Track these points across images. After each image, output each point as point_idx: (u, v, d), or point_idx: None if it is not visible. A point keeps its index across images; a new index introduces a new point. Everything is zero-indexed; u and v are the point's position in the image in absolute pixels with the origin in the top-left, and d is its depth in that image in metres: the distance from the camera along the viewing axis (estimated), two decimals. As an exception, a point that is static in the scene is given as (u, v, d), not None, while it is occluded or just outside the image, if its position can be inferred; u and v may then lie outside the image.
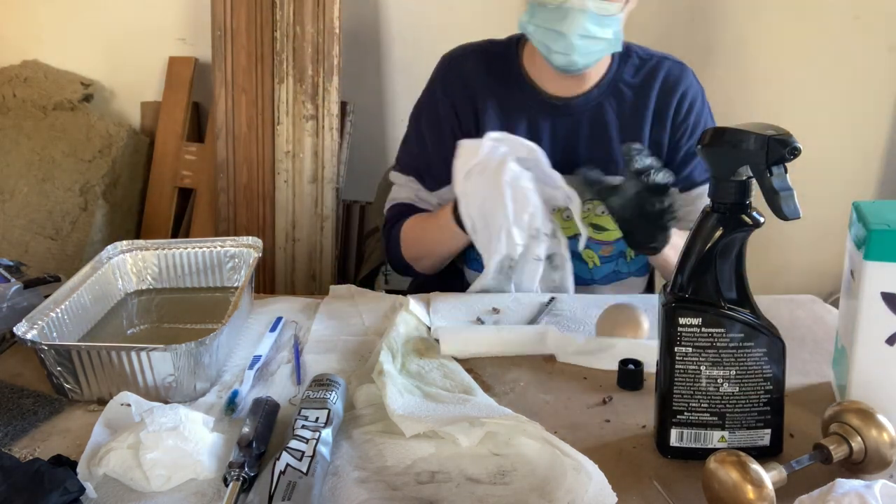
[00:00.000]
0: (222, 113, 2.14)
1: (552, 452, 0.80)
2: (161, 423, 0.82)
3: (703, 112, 1.41)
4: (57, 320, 1.04)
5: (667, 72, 1.39)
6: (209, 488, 0.81)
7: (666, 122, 1.38)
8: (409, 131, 1.49)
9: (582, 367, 1.04)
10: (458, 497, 0.78)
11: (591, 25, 1.25)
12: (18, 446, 0.89)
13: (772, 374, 0.81)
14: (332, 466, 0.83)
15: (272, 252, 2.17)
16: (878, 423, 0.78)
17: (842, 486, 0.70)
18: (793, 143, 0.73)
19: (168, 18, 2.25)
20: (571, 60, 1.28)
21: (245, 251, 1.27)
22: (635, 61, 1.40)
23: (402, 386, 0.94)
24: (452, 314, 1.16)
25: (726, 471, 0.72)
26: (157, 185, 2.28)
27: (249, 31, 2.12)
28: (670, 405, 0.83)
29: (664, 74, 1.39)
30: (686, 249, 0.81)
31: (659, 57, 1.42)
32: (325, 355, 1.08)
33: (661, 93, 1.38)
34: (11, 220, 2.13)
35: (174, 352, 0.93)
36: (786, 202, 0.74)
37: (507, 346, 1.07)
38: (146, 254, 1.25)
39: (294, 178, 2.14)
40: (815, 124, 2.16)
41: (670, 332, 0.81)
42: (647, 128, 1.38)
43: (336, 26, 2.09)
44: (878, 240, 0.82)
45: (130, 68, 2.30)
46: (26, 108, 2.22)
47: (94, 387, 0.97)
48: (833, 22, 2.10)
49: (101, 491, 0.80)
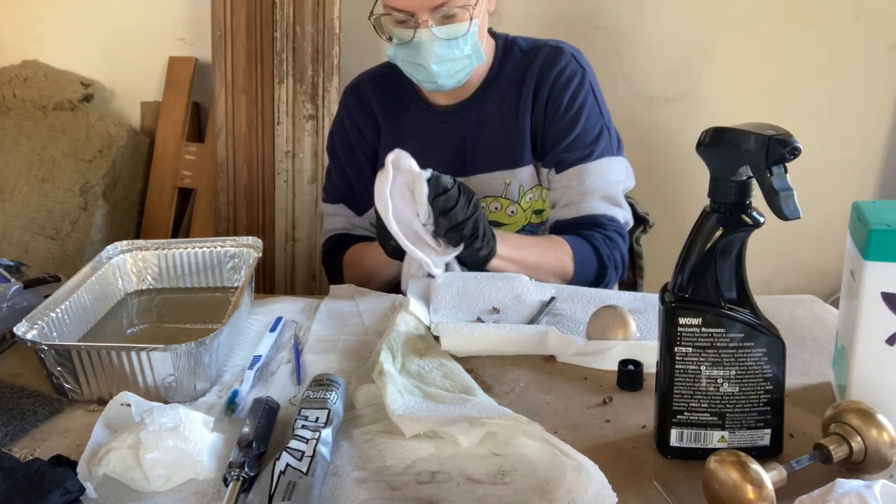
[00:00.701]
0: (222, 113, 2.14)
1: (552, 452, 0.80)
2: (161, 423, 0.82)
3: (582, 91, 1.41)
4: (57, 320, 1.04)
5: (543, 59, 1.42)
6: (209, 488, 0.81)
7: (541, 105, 1.41)
8: (329, 164, 1.57)
9: (582, 367, 1.04)
10: (458, 497, 0.78)
11: (445, 51, 1.31)
12: (18, 446, 0.89)
13: (772, 374, 0.81)
14: (332, 466, 0.83)
15: (272, 252, 2.17)
16: (878, 423, 0.78)
17: (842, 486, 0.70)
18: (793, 143, 0.73)
19: (168, 18, 2.25)
20: (438, 85, 1.35)
21: (245, 251, 1.27)
22: (517, 55, 1.44)
23: (402, 386, 0.94)
24: (452, 313, 1.16)
25: (726, 471, 0.72)
26: (157, 185, 2.28)
27: (249, 31, 2.12)
28: (670, 405, 0.83)
29: (540, 62, 1.42)
30: (686, 249, 0.81)
31: (540, 45, 1.45)
32: (325, 355, 1.08)
33: (537, 80, 1.41)
34: (11, 220, 2.13)
35: (174, 352, 0.93)
36: (786, 202, 0.74)
37: (508, 344, 1.08)
38: (146, 254, 1.25)
39: (294, 178, 2.14)
40: (815, 124, 2.16)
41: (670, 332, 0.81)
42: (528, 115, 1.41)
43: (336, 26, 2.09)
44: (878, 240, 0.82)
45: (130, 68, 2.30)
46: (26, 108, 2.22)
47: (94, 387, 0.97)
48: (833, 22, 2.10)
49: (101, 491, 0.80)
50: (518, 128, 1.41)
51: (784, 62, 2.14)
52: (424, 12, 1.27)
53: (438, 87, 1.36)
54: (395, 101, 1.48)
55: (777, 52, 2.13)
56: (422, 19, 1.28)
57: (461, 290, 1.23)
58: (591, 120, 1.41)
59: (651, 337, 1.09)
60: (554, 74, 1.40)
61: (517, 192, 1.44)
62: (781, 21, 2.11)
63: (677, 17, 2.12)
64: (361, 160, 1.51)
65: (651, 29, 2.13)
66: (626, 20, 2.13)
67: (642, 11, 2.11)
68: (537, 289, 1.25)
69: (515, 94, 1.42)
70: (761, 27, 2.12)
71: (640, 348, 1.02)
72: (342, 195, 1.53)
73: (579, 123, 1.40)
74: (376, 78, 1.52)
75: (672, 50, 2.15)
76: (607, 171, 1.41)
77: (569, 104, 1.40)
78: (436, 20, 1.28)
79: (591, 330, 1.09)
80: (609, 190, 1.41)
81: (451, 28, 1.29)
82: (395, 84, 1.48)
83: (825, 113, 2.16)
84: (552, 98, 1.40)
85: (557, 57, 1.42)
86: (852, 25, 2.10)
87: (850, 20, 2.10)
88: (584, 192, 1.39)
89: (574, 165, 1.40)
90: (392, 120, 1.48)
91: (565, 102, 1.40)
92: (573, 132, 1.40)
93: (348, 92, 1.54)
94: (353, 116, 1.51)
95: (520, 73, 1.43)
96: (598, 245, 1.37)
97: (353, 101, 1.52)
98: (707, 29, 2.13)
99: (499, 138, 1.42)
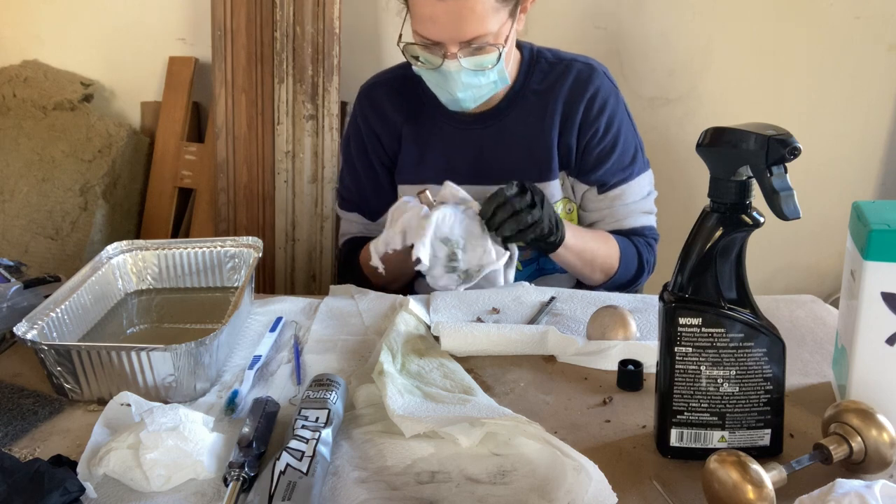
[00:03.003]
0: (222, 113, 2.14)
1: (552, 452, 0.80)
2: (161, 423, 0.82)
3: (618, 112, 1.42)
4: (57, 320, 1.04)
5: (575, 75, 1.41)
6: (209, 488, 0.81)
7: (574, 124, 1.40)
8: (342, 168, 1.56)
9: (582, 367, 1.04)
10: (458, 497, 0.78)
11: (471, 80, 1.30)
12: (18, 446, 0.89)
13: (772, 374, 0.81)
14: (332, 466, 0.83)
15: (272, 252, 2.16)
16: (878, 423, 0.78)
17: (842, 486, 0.70)
18: (793, 143, 0.73)
19: (168, 18, 2.25)
20: (463, 107, 1.35)
21: (245, 251, 1.27)
22: (544, 67, 1.43)
23: (402, 386, 0.94)
24: (452, 314, 1.16)
25: (726, 471, 0.72)
26: (157, 185, 2.28)
27: (249, 31, 2.12)
28: (670, 405, 0.83)
29: (572, 78, 1.41)
30: (686, 249, 0.81)
31: (568, 60, 1.43)
32: (325, 355, 1.08)
33: (568, 96, 1.40)
34: (11, 220, 2.12)
35: (174, 352, 0.93)
36: (786, 202, 0.74)
37: (508, 344, 1.08)
38: (146, 254, 1.25)
39: (294, 178, 2.14)
40: (815, 124, 2.16)
41: (670, 332, 0.81)
42: (555, 132, 1.40)
43: (336, 26, 2.09)
44: (878, 240, 0.82)
45: (130, 68, 2.29)
46: (26, 108, 2.21)
47: (94, 387, 0.97)
48: (833, 22, 2.10)
49: (101, 491, 0.80)
50: (545, 142, 1.40)
51: (784, 62, 2.14)
52: (454, 45, 1.26)
53: (462, 109, 1.36)
54: (414, 106, 1.46)
55: (777, 52, 2.13)
56: (451, 51, 1.26)
57: (461, 291, 1.23)
58: (628, 140, 1.44)
59: (651, 337, 1.09)
60: (588, 97, 1.40)
61: None
62: (781, 21, 2.11)
63: (677, 17, 2.12)
64: (377, 166, 1.49)
65: (651, 29, 2.13)
66: (626, 20, 2.12)
67: (642, 11, 2.11)
68: (537, 289, 1.25)
69: (542, 108, 1.41)
70: (761, 27, 2.12)
71: (640, 348, 1.02)
72: (357, 203, 1.52)
73: (619, 145, 1.42)
74: (392, 81, 1.49)
75: (672, 50, 2.15)
76: (644, 187, 1.45)
77: (607, 127, 1.41)
78: (465, 52, 1.26)
79: (591, 330, 1.09)
80: (646, 204, 1.46)
81: (479, 59, 1.28)
82: (412, 89, 1.45)
83: (825, 113, 2.16)
84: (588, 121, 1.40)
85: (590, 76, 1.41)
86: (852, 25, 2.10)
87: (850, 20, 2.09)
88: (628, 212, 1.44)
89: (616, 187, 1.43)
90: (412, 124, 1.46)
91: (603, 126, 1.40)
92: (614, 154, 1.41)
93: (363, 96, 1.52)
94: (369, 122, 1.49)
95: (546, 85, 1.41)
96: (641, 249, 1.43)
97: (368, 106, 1.50)
98: (707, 29, 2.13)
99: (522, 150, 1.41)
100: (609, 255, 1.39)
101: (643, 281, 1.47)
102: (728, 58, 2.15)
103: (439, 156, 1.44)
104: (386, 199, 1.47)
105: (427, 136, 1.45)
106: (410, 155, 1.46)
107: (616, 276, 1.40)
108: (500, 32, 1.27)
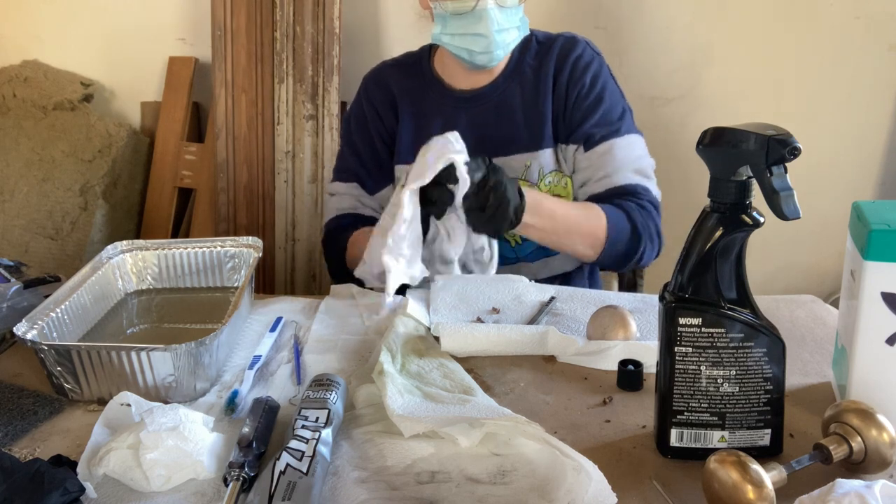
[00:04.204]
0: (222, 113, 2.14)
1: (552, 452, 0.80)
2: (161, 423, 0.82)
3: (601, 73, 1.46)
4: (57, 320, 1.04)
5: (560, 45, 1.47)
6: (209, 488, 0.81)
7: (562, 88, 1.45)
8: (341, 145, 1.59)
9: (582, 367, 1.04)
10: (458, 497, 0.78)
11: (504, 19, 1.35)
12: (18, 446, 0.89)
13: (772, 374, 0.81)
14: (332, 466, 0.83)
15: (272, 252, 2.17)
16: (878, 423, 0.78)
17: (842, 486, 0.70)
18: (793, 143, 0.73)
19: (168, 18, 2.25)
20: (493, 56, 1.38)
21: (245, 251, 1.27)
22: (535, 45, 1.49)
23: (402, 386, 0.94)
24: (452, 314, 1.16)
25: (726, 471, 0.72)
26: (157, 185, 2.28)
27: (249, 31, 2.12)
28: (670, 405, 0.83)
29: (558, 48, 1.47)
30: (686, 249, 0.81)
31: (554, 36, 1.50)
32: (325, 355, 1.08)
33: (556, 65, 1.46)
34: (11, 220, 2.13)
35: (174, 352, 0.93)
36: (786, 202, 0.74)
37: (508, 345, 1.07)
38: (146, 254, 1.25)
39: (294, 178, 2.14)
40: (815, 124, 2.16)
41: (670, 332, 0.81)
42: (549, 100, 1.45)
43: (336, 26, 2.09)
44: (878, 240, 0.82)
45: (130, 68, 2.30)
46: (26, 108, 2.22)
47: (94, 387, 0.97)
48: (833, 22, 2.10)
49: (101, 491, 0.80)
50: (539, 111, 1.45)
51: (784, 62, 2.14)
52: None
53: (491, 60, 1.38)
54: (417, 84, 1.51)
55: (777, 51, 2.13)
56: None
57: (461, 291, 1.23)
58: (614, 98, 1.46)
59: (651, 337, 1.09)
60: (572, 59, 1.45)
61: (537, 173, 1.45)
62: (781, 21, 2.11)
63: (677, 17, 2.12)
64: (376, 140, 1.52)
65: (651, 29, 2.13)
66: (626, 20, 2.13)
67: (642, 11, 2.11)
68: (537, 289, 1.25)
69: (535, 80, 1.46)
70: (761, 27, 2.12)
71: (640, 348, 1.02)
72: (354, 173, 1.53)
73: (604, 101, 1.44)
74: (397, 64, 1.56)
75: (672, 50, 2.15)
76: (635, 147, 1.45)
77: (591, 84, 1.44)
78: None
79: (592, 330, 1.09)
80: (639, 164, 1.44)
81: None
82: (416, 70, 1.52)
83: (825, 113, 2.16)
84: (573, 80, 1.44)
85: (573, 44, 1.47)
86: (852, 25, 2.10)
87: (851, 20, 2.10)
88: (616, 166, 1.42)
89: (603, 141, 1.43)
90: (413, 103, 1.50)
91: (588, 82, 1.44)
92: (599, 109, 1.43)
93: (368, 77, 1.57)
94: (371, 98, 1.53)
95: (537, 60, 1.47)
96: (631, 213, 1.39)
97: (373, 84, 1.55)
98: (707, 29, 2.13)
99: (519, 122, 1.45)
100: (590, 222, 1.35)
101: (648, 253, 1.41)
102: (728, 58, 2.15)
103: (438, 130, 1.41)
104: (384, 176, 1.52)
105: (427, 111, 1.49)
106: (408, 134, 1.49)
107: (607, 245, 1.36)
108: None
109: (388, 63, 1.58)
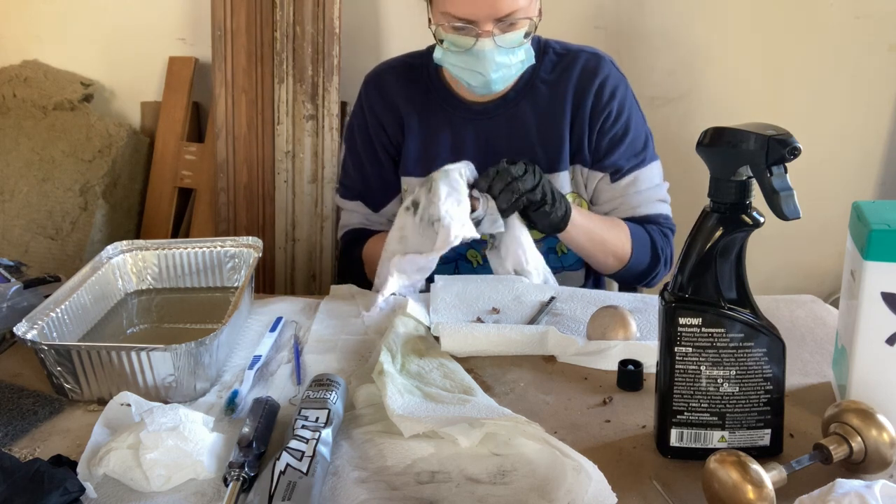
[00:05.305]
0: (222, 113, 2.14)
1: (552, 452, 0.80)
2: (161, 423, 0.82)
3: (627, 99, 1.43)
4: (57, 320, 1.04)
5: (583, 64, 1.42)
6: (209, 488, 0.81)
7: (585, 113, 1.41)
8: (345, 156, 1.54)
9: (582, 367, 1.04)
10: (458, 497, 0.78)
11: (503, 58, 1.29)
12: (18, 446, 0.89)
13: (772, 374, 0.81)
14: (332, 466, 0.83)
15: (272, 252, 2.16)
16: (878, 423, 0.78)
17: (842, 486, 0.70)
18: (793, 143, 0.73)
19: (168, 18, 2.25)
20: (491, 90, 1.34)
21: (245, 251, 1.27)
22: (552, 58, 1.43)
23: (402, 386, 0.94)
24: (452, 314, 1.16)
25: (726, 471, 0.72)
26: (157, 185, 2.28)
27: (249, 31, 2.12)
28: (670, 405, 0.83)
29: (580, 67, 1.41)
30: (686, 249, 0.81)
31: (576, 50, 1.44)
32: (325, 355, 1.08)
33: (578, 85, 1.41)
34: (11, 220, 2.12)
35: (174, 352, 0.93)
36: (786, 202, 0.74)
37: (508, 345, 1.07)
38: (146, 254, 1.25)
39: (294, 178, 2.14)
40: (815, 124, 2.15)
41: (670, 332, 0.81)
42: (567, 121, 1.41)
43: (336, 26, 2.09)
44: (878, 240, 0.82)
45: (130, 68, 2.29)
46: (26, 108, 2.21)
47: (94, 387, 0.97)
48: (833, 22, 2.10)
49: (101, 491, 0.80)
50: (555, 133, 1.41)
51: (784, 62, 2.14)
52: (489, 23, 1.25)
53: (489, 91, 1.35)
54: (422, 93, 1.45)
55: (777, 51, 2.13)
56: (485, 29, 1.25)
57: (461, 291, 1.23)
58: (638, 126, 1.44)
59: (651, 337, 1.09)
60: (597, 83, 1.40)
61: None
62: (781, 21, 2.11)
63: (677, 17, 2.12)
64: (381, 154, 1.48)
65: (651, 29, 2.13)
66: (626, 20, 2.12)
67: (642, 11, 2.11)
68: (537, 289, 1.25)
69: (551, 98, 1.41)
70: (761, 27, 2.12)
71: (640, 348, 1.02)
72: (359, 192, 1.51)
73: (631, 130, 1.42)
74: (401, 68, 1.48)
75: (672, 50, 2.15)
76: (656, 175, 1.46)
77: (619, 112, 1.41)
78: (499, 29, 1.26)
79: (592, 330, 1.09)
80: (660, 192, 1.46)
81: (512, 36, 1.28)
82: (422, 76, 1.45)
83: (825, 113, 2.16)
84: (598, 106, 1.40)
85: (598, 65, 1.42)
86: (852, 25, 2.10)
87: (850, 20, 2.09)
88: (642, 199, 1.44)
89: (630, 173, 1.43)
90: (419, 114, 1.44)
91: (615, 110, 1.41)
92: (626, 139, 1.42)
93: (370, 82, 1.50)
94: (375, 109, 1.47)
95: (554, 76, 1.41)
96: (654, 235, 1.42)
97: (375, 92, 1.48)
98: (707, 29, 2.13)
99: (534, 141, 1.41)
100: (620, 239, 1.38)
101: (661, 273, 1.45)
102: (728, 58, 2.15)
103: (446, 147, 1.42)
104: (389, 190, 1.48)
105: (434, 126, 1.44)
106: (416, 146, 1.44)
107: (630, 262, 1.39)
108: (531, 5, 1.29)
109: (391, 65, 1.50)
